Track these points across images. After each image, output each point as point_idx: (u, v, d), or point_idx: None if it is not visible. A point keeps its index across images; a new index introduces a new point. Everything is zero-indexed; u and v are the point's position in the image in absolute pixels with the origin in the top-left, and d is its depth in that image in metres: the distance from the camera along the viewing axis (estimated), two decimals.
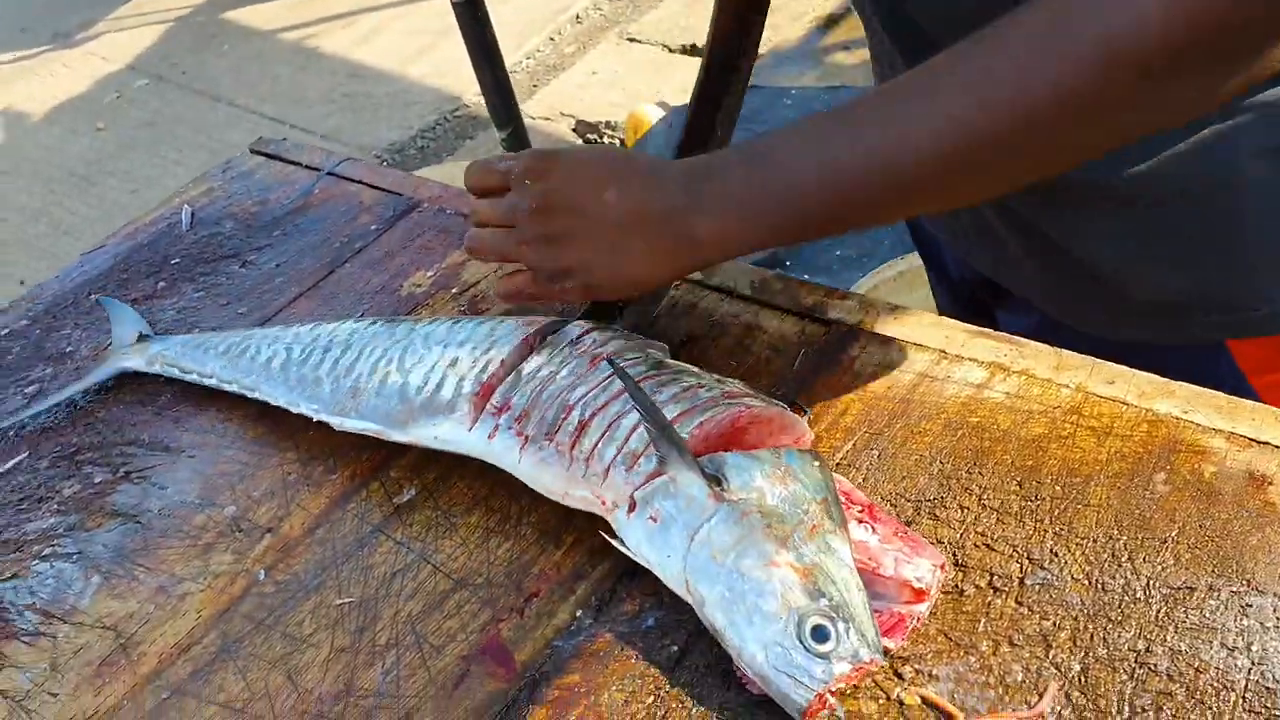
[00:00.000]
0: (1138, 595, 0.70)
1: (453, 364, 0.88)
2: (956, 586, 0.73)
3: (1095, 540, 0.73)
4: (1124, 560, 0.72)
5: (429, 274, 1.10)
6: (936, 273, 1.21)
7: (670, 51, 3.82)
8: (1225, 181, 0.86)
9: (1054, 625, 0.70)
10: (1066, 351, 0.86)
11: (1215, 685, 0.65)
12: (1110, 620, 0.69)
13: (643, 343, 0.89)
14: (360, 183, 1.25)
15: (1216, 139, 0.84)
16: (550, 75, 3.82)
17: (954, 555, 0.74)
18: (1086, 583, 0.71)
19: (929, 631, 0.71)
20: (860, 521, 0.72)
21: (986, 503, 0.77)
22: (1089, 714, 0.65)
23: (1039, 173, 0.74)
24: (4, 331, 1.16)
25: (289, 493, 0.91)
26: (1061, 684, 0.67)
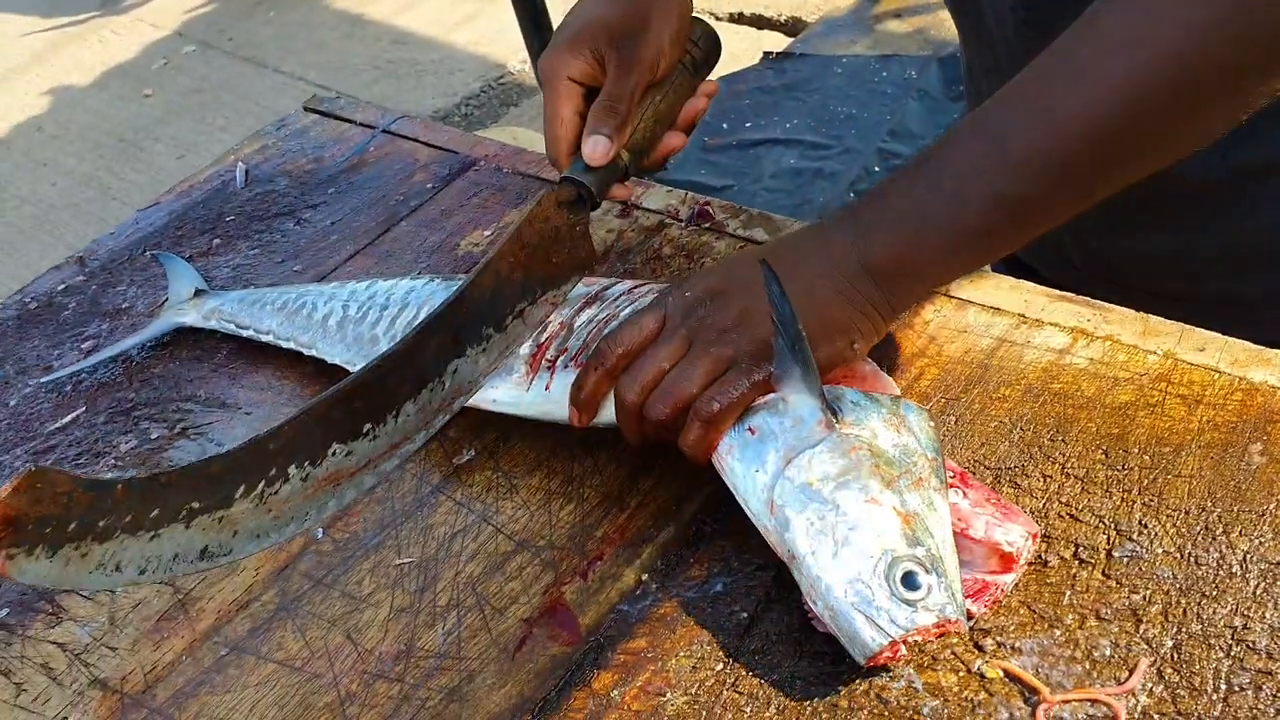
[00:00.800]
0: (1234, 570, 0.67)
1: None
2: (1040, 558, 0.70)
3: (1187, 512, 0.70)
4: (1218, 534, 0.69)
5: (486, 233, 1.08)
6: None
7: (718, 20, 3.77)
8: None
9: (1144, 599, 0.67)
10: (1154, 317, 0.82)
11: None
12: (1205, 595, 0.66)
13: None
14: (416, 140, 1.23)
15: None
16: None
17: (1037, 525, 0.71)
18: (1178, 556, 0.68)
19: (1011, 604, 0.68)
20: (953, 486, 0.69)
21: (1070, 472, 0.74)
22: (1183, 692, 0.62)
23: (1196, 138, 0.70)
24: (61, 288, 1.15)
25: None
26: (1153, 660, 0.64)
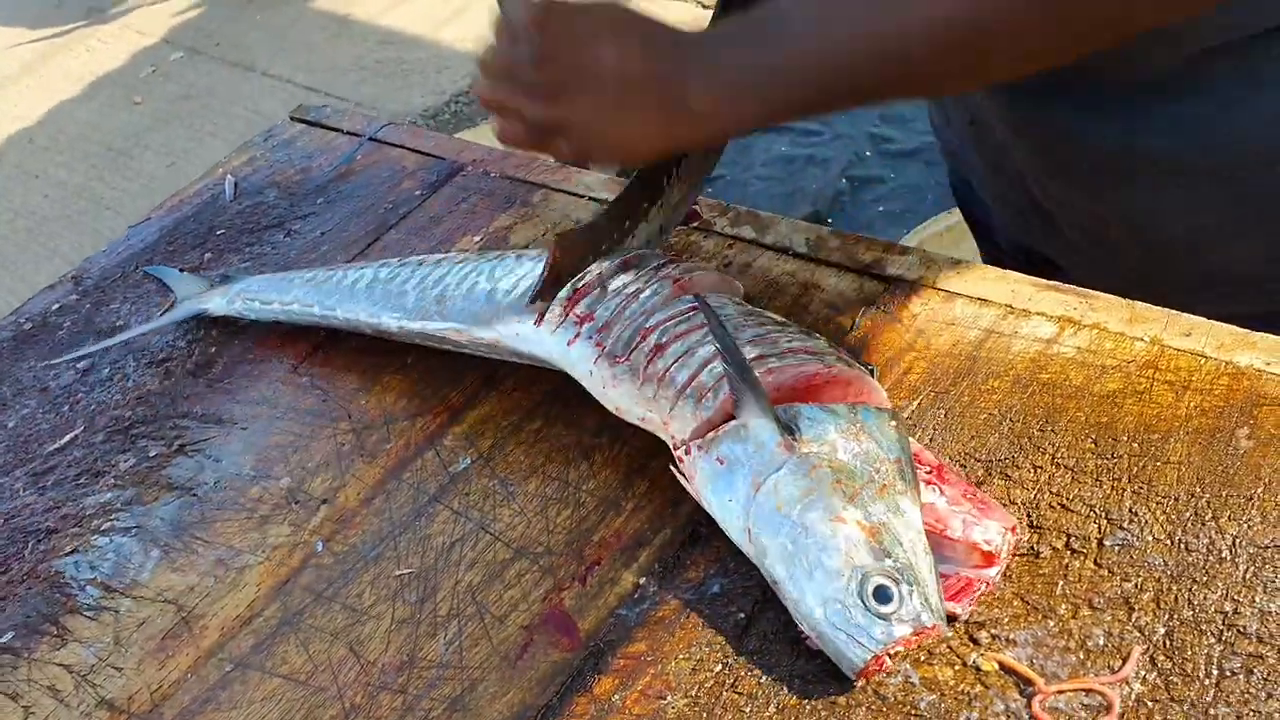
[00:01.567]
0: (1223, 555, 0.68)
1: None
2: (1032, 549, 0.70)
3: (1177, 499, 0.71)
4: (1208, 519, 0.69)
5: (476, 238, 1.08)
6: (983, 241, 1.18)
7: (705, 8, 3.76)
8: None
9: (1136, 587, 0.67)
10: (1140, 304, 0.83)
11: None
12: (1195, 581, 0.67)
13: (728, 281, 0.89)
14: (403, 147, 1.23)
15: None
16: None
17: (1028, 516, 0.72)
18: (1169, 543, 0.69)
19: (1005, 595, 0.69)
20: (928, 483, 0.70)
21: (1060, 462, 0.75)
22: (1176, 678, 0.63)
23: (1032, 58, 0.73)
24: (55, 307, 1.16)
25: (343, 463, 0.90)
26: (1146, 648, 0.64)
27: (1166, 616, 0.66)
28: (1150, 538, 0.69)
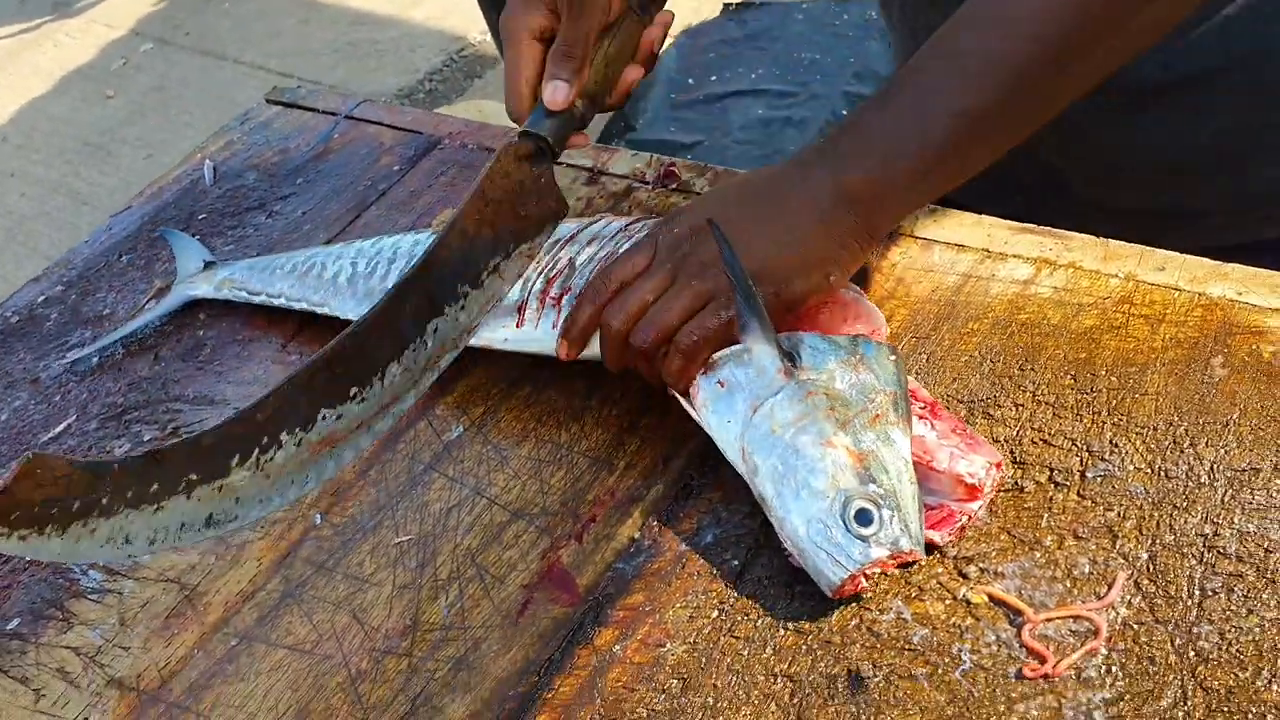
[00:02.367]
0: (1202, 480, 0.69)
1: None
2: (1016, 484, 0.72)
3: (1155, 429, 0.72)
4: (1186, 446, 0.71)
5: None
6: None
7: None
8: None
9: (1119, 516, 0.69)
10: (1114, 241, 0.84)
11: None
12: (1176, 507, 0.68)
13: None
14: (379, 124, 1.23)
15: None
16: None
17: (1011, 453, 0.74)
18: (1149, 471, 0.70)
19: (991, 530, 0.70)
20: (921, 417, 0.72)
21: (1041, 399, 0.76)
22: (1159, 601, 0.65)
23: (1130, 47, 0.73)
24: (40, 299, 1.16)
25: None
26: (1130, 573, 0.66)
27: (1149, 542, 0.67)
28: (1131, 467, 0.71)
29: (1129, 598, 0.65)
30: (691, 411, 0.77)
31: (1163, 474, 0.70)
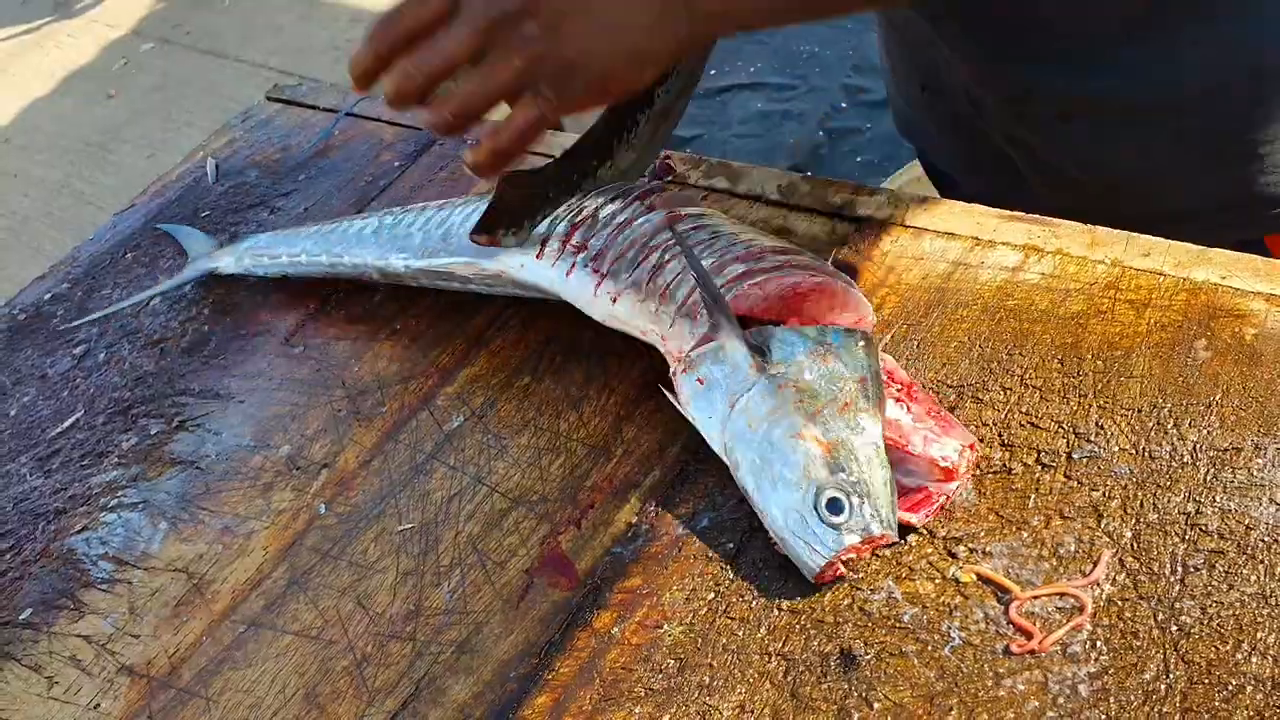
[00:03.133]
0: (1185, 460, 0.71)
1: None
2: (1004, 466, 0.74)
3: (1140, 410, 0.74)
4: (1170, 427, 0.73)
5: None
6: (949, 194, 1.21)
7: None
8: (1254, 74, 0.86)
9: (1104, 496, 0.71)
10: (1100, 228, 0.86)
11: (1266, 540, 0.66)
12: (1159, 486, 0.70)
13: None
14: (380, 120, 1.25)
15: (1238, 35, 0.84)
16: None
17: (999, 435, 0.75)
18: (1134, 452, 0.72)
19: (980, 510, 0.72)
20: (897, 400, 0.73)
21: (1029, 382, 0.78)
22: (1143, 578, 0.66)
23: None
24: (47, 296, 1.18)
25: (340, 428, 0.93)
26: (1114, 551, 0.68)
27: (1133, 521, 0.69)
28: (1116, 448, 0.72)
29: (1113, 575, 0.67)
30: (679, 407, 0.79)
31: (1147, 454, 0.72)
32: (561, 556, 0.78)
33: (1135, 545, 0.68)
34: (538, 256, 0.90)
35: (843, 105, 2.90)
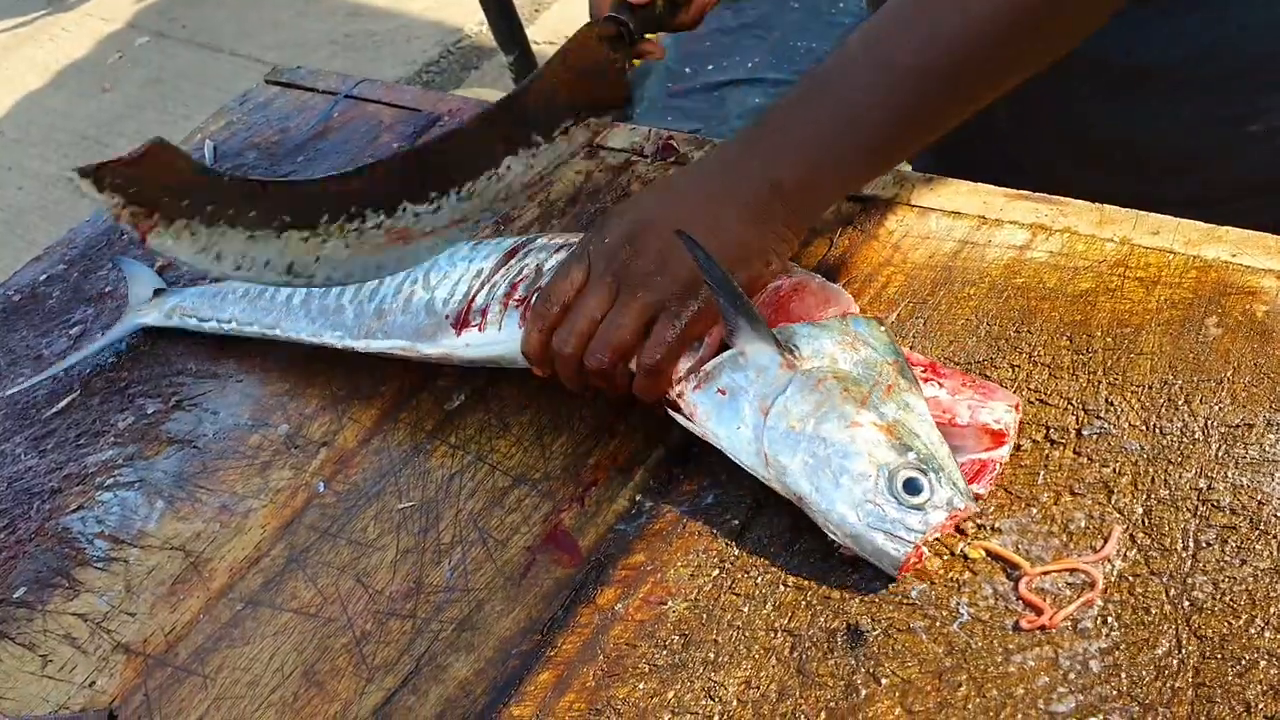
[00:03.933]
0: (1196, 436, 0.70)
1: (478, 275, 0.87)
2: (1014, 443, 0.73)
3: (1150, 387, 0.73)
4: (1180, 403, 0.72)
5: None
6: None
7: None
8: None
9: (1114, 472, 0.70)
10: (1109, 206, 0.85)
11: (1279, 515, 0.65)
12: (1170, 462, 0.69)
13: None
14: (379, 102, 1.24)
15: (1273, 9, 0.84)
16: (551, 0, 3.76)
17: None
18: (1144, 428, 0.71)
19: (989, 487, 0.71)
20: (926, 380, 0.72)
21: (1037, 359, 0.77)
22: (1154, 553, 0.65)
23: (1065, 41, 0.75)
24: (43, 277, 1.17)
25: (339, 408, 0.92)
26: (1125, 527, 0.67)
27: (1144, 497, 0.68)
28: (1126, 424, 0.72)
29: (1124, 551, 0.66)
30: (691, 427, 0.76)
31: (1157, 431, 0.71)
32: (564, 534, 0.77)
33: (1146, 521, 0.67)
34: (481, 329, 0.84)
35: None
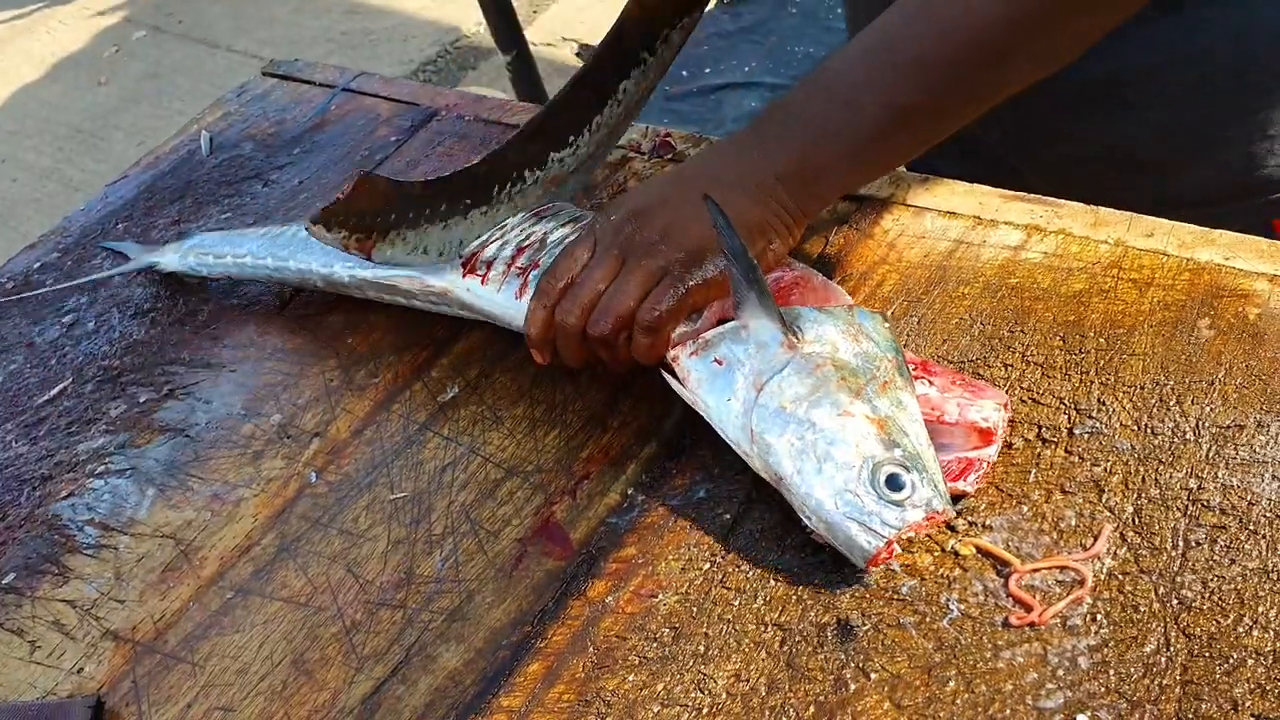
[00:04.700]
0: (1187, 436, 0.70)
1: (500, 225, 0.91)
2: (1005, 441, 0.73)
3: (1142, 387, 0.74)
4: (1172, 404, 0.72)
5: None
6: None
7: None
8: (1271, 54, 0.86)
9: (1105, 471, 0.70)
10: (1103, 209, 0.85)
11: (1269, 515, 0.66)
12: (1161, 462, 0.70)
13: None
14: (376, 96, 1.24)
15: (1262, 11, 0.84)
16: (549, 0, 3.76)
17: None
18: (1135, 428, 0.72)
19: (980, 485, 0.71)
20: (917, 377, 0.73)
21: (1030, 359, 0.77)
22: (1144, 552, 0.66)
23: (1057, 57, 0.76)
24: (36, 265, 1.16)
25: (333, 398, 0.92)
26: (1115, 526, 0.67)
27: (1135, 496, 0.68)
28: (1118, 424, 0.72)
29: (1114, 549, 0.66)
30: (682, 392, 0.76)
31: (1149, 431, 0.71)
32: (556, 526, 0.77)
33: (1136, 520, 0.67)
34: (483, 282, 0.87)
35: None
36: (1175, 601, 0.63)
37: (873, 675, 0.64)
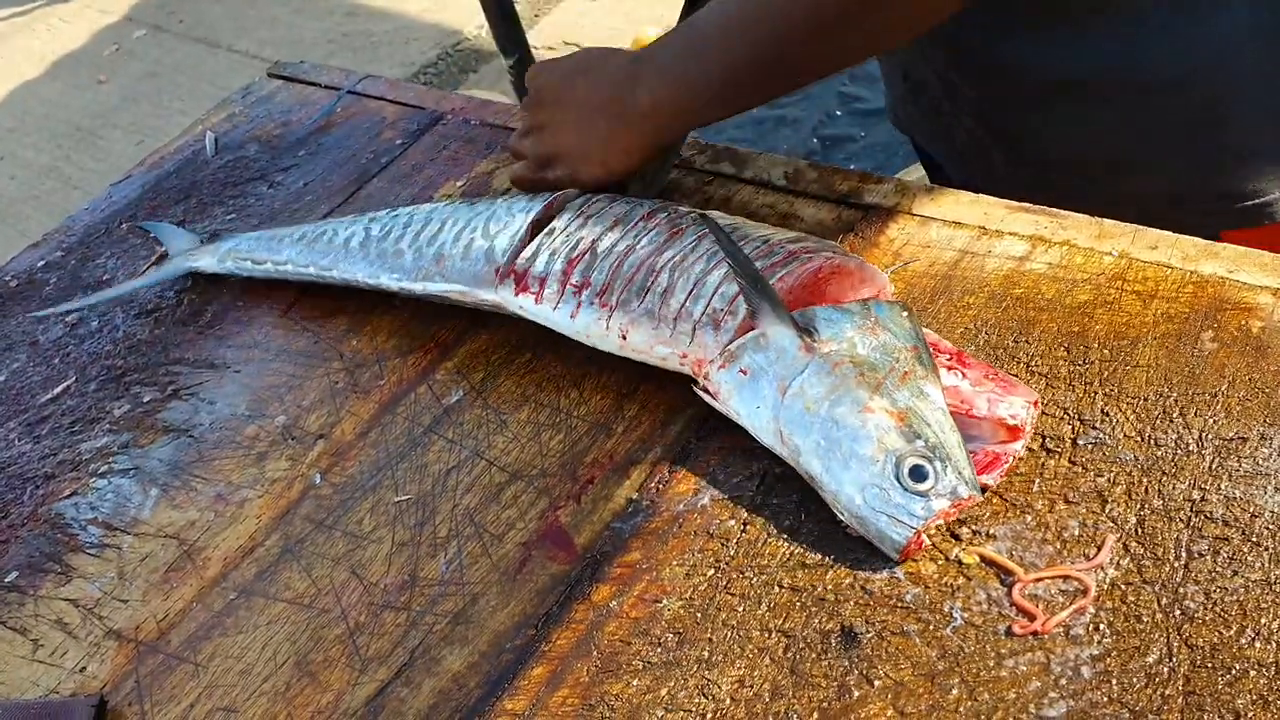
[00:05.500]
0: (1190, 448, 0.71)
1: (550, 232, 0.91)
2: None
3: (1146, 399, 0.74)
4: (1175, 416, 0.73)
5: (459, 183, 1.10)
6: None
7: None
8: (1216, 67, 0.87)
9: (1108, 481, 0.70)
10: (1108, 221, 0.86)
11: (1271, 528, 0.66)
12: (1164, 473, 0.70)
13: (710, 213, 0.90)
14: (382, 99, 1.24)
15: (1208, 24, 0.86)
16: (551, 4, 3.77)
17: None
18: (1139, 439, 0.72)
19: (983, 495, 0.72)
20: (950, 369, 0.73)
21: (1035, 369, 0.78)
22: (1147, 563, 0.66)
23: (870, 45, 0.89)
24: (40, 264, 1.17)
25: (338, 400, 0.92)
26: (1119, 536, 0.68)
27: (1138, 507, 0.69)
28: (1121, 435, 0.72)
29: (1117, 560, 0.67)
30: (715, 405, 0.77)
31: (1152, 442, 0.72)
32: (560, 530, 0.78)
33: (1140, 530, 0.68)
34: (537, 300, 0.87)
35: (837, 112, 2.91)
36: (1178, 612, 0.64)
37: (876, 682, 0.64)
